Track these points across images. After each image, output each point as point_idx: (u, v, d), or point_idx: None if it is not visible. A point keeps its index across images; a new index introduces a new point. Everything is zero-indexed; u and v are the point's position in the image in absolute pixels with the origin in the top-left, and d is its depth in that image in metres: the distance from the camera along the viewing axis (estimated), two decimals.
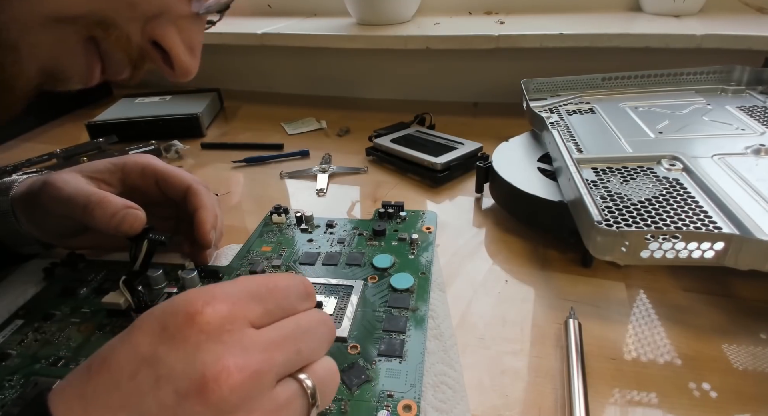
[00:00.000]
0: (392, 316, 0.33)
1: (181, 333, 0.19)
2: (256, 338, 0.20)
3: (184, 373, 0.18)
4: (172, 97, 0.81)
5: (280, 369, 0.20)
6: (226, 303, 0.20)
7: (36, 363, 0.31)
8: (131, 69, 0.28)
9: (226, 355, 0.19)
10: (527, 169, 0.46)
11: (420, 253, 0.40)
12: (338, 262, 0.39)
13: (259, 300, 0.21)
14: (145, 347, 0.19)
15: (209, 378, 0.18)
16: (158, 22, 0.26)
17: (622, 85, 0.59)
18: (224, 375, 0.18)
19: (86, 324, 0.34)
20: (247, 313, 0.20)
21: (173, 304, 0.20)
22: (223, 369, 0.18)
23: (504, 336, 0.33)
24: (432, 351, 0.31)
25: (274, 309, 0.22)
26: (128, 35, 0.26)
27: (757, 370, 0.29)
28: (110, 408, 0.18)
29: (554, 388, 0.29)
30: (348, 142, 0.68)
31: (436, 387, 0.29)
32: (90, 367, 0.19)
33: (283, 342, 0.21)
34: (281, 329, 0.21)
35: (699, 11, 0.71)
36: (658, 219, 0.32)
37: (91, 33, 0.25)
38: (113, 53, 0.26)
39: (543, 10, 0.78)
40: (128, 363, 0.19)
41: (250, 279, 0.22)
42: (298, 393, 0.21)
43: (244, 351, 0.19)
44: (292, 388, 0.20)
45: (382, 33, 0.70)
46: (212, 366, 0.18)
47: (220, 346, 0.19)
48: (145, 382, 0.18)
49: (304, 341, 0.21)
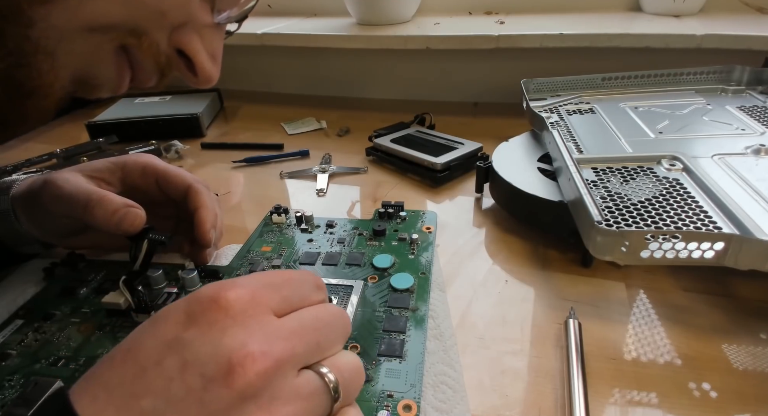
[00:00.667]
0: (392, 316, 0.33)
1: (206, 317, 0.20)
2: (278, 325, 0.20)
3: (210, 357, 0.18)
4: (172, 97, 0.81)
5: (301, 359, 0.20)
6: (247, 289, 0.21)
7: (36, 363, 0.31)
8: (158, 76, 0.29)
9: (251, 341, 0.19)
10: (527, 169, 0.46)
11: (420, 253, 0.40)
12: (338, 262, 0.39)
13: (277, 288, 0.22)
14: (170, 334, 0.19)
15: (235, 362, 0.18)
16: (183, 30, 0.27)
17: (622, 85, 0.59)
18: (249, 361, 0.18)
19: (86, 324, 0.34)
20: (267, 300, 0.21)
21: (197, 293, 0.21)
22: (248, 355, 0.19)
23: (504, 336, 0.33)
24: (432, 351, 0.31)
25: (290, 295, 0.22)
26: (158, 43, 0.26)
27: (757, 370, 0.29)
28: (136, 395, 0.18)
29: (554, 388, 0.29)
30: (348, 142, 0.68)
31: (436, 387, 0.29)
32: (113, 358, 0.20)
33: (304, 332, 0.21)
34: (301, 319, 0.22)
35: (699, 11, 0.71)
36: (658, 220, 0.32)
37: (123, 41, 0.26)
38: (143, 61, 0.27)
39: (543, 10, 0.78)
40: (154, 350, 0.19)
41: (265, 272, 0.23)
42: (320, 388, 0.21)
43: (267, 338, 0.19)
44: (314, 381, 0.21)
45: (382, 33, 0.70)
46: (238, 350, 0.19)
47: (244, 331, 0.19)
48: (172, 367, 0.18)
49: (323, 333, 0.22)
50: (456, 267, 0.40)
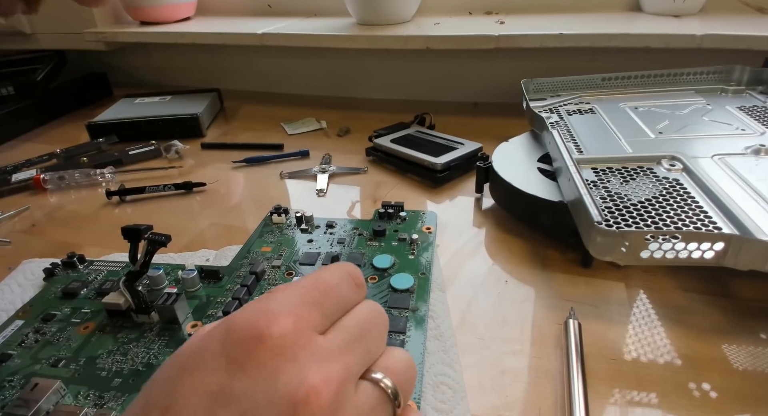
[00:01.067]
0: (392, 316, 0.33)
1: (252, 360, 0.17)
2: (327, 346, 0.18)
3: (270, 403, 0.16)
4: (172, 97, 0.81)
5: (357, 373, 0.19)
6: (289, 317, 0.18)
7: (36, 363, 0.31)
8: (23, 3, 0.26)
9: (308, 374, 0.17)
10: (527, 169, 0.46)
11: (420, 253, 0.40)
12: None
13: (317, 306, 0.20)
14: (214, 385, 0.17)
15: (299, 401, 0.16)
16: None
17: (622, 85, 0.59)
18: (313, 395, 0.17)
19: (86, 323, 0.34)
20: (312, 323, 0.19)
21: (232, 328, 0.18)
22: (310, 390, 0.17)
23: (504, 336, 0.33)
24: (432, 351, 0.31)
25: (332, 310, 0.20)
26: None
27: (757, 370, 0.29)
28: None
29: (554, 389, 0.29)
30: (348, 142, 0.68)
31: (436, 388, 0.29)
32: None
33: (354, 343, 0.19)
34: (347, 331, 0.20)
35: (699, 11, 0.70)
36: (658, 220, 0.32)
37: None
38: None
39: (543, 10, 0.78)
40: (200, 407, 0.16)
41: (298, 285, 0.21)
42: (380, 398, 0.19)
43: (322, 364, 0.18)
44: (373, 394, 0.19)
45: (382, 33, 0.70)
46: (298, 388, 0.17)
47: (298, 365, 0.17)
48: None
49: (370, 337, 0.20)
50: (456, 268, 0.40)
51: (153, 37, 0.84)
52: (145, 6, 0.85)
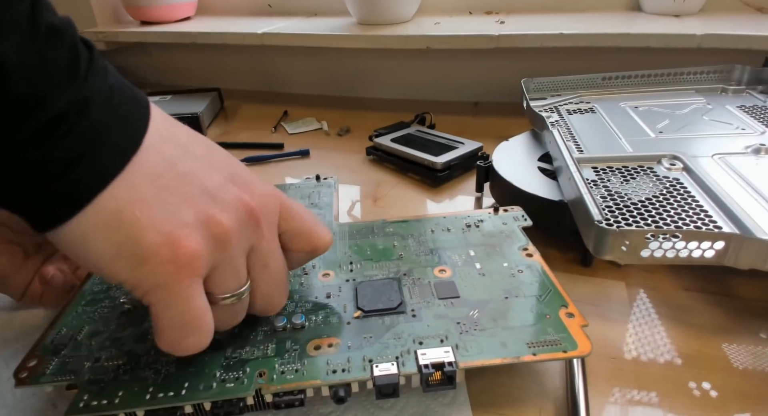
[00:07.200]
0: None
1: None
2: None
3: None
4: (173, 96, 0.81)
5: None
6: None
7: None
8: None
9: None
10: (527, 169, 0.46)
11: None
12: None
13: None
14: None
15: None
16: None
17: (622, 84, 0.59)
18: None
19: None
20: None
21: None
22: None
23: None
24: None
25: None
26: None
27: (757, 370, 0.29)
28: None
29: (554, 388, 0.29)
30: (348, 141, 0.68)
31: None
32: None
33: None
34: None
35: (699, 11, 0.71)
36: (658, 219, 0.32)
37: None
38: None
39: (543, 10, 0.78)
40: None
41: None
42: None
43: None
44: None
45: (382, 33, 0.70)
46: None
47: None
48: None
49: None
50: None
51: (153, 36, 0.84)
52: (146, 6, 0.85)
